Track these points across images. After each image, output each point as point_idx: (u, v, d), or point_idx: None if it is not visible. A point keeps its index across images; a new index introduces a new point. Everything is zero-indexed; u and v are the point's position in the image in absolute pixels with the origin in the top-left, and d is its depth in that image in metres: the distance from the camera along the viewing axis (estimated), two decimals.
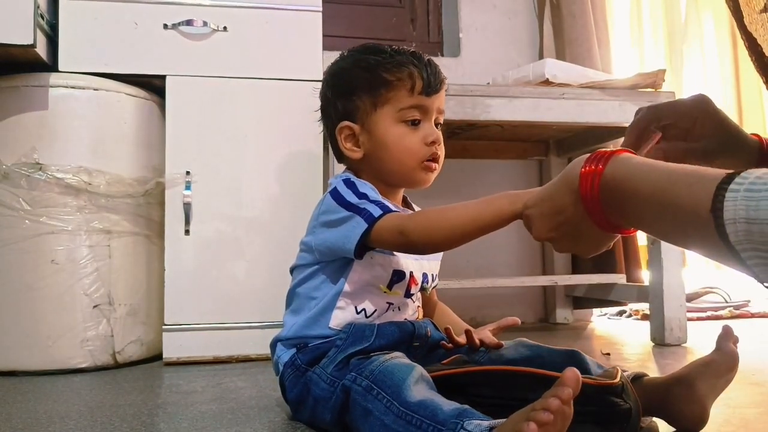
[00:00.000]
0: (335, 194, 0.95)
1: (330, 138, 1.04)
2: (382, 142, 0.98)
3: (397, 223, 0.87)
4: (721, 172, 0.56)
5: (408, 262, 0.99)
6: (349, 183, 0.96)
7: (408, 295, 1.00)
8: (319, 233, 0.96)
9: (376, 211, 0.88)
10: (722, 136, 0.83)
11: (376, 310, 0.96)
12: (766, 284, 0.54)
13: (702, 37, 2.52)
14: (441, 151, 1.00)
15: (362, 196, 0.93)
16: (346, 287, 0.95)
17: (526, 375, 0.83)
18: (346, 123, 1.00)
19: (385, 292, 0.97)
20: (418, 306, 1.05)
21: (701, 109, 0.84)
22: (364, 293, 0.96)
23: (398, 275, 0.97)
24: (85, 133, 1.51)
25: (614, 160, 0.66)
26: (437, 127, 1.01)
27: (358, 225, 0.89)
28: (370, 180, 1.00)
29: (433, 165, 0.99)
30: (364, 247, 0.90)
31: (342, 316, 0.95)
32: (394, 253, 0.96)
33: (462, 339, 0.98)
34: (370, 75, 0.98)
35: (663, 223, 0.62)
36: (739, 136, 0.84)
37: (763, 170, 0.54)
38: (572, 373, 0.62)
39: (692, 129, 0.83)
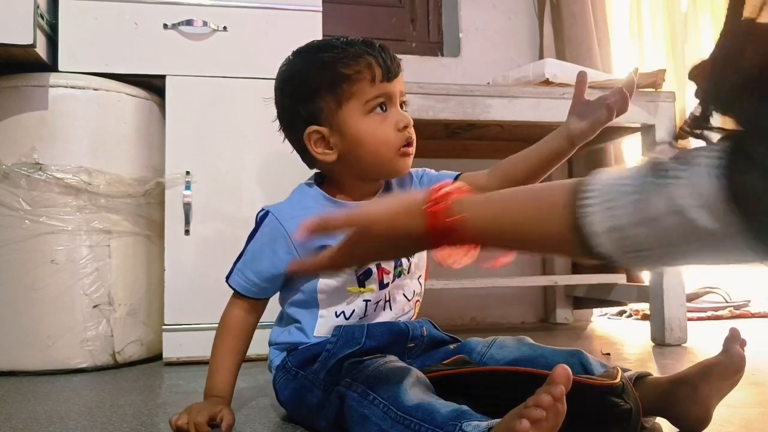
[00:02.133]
0: (258, 223, 1.01)
1: (296, 146, 1.01)
2: (356, 138, 0.94)
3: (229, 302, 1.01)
4: (564, 189, 0.57)
5: None
6: (259, 222, 1.00)
7: (383, 286, 0.97)
8: None
9: (232, 280, 1.00)
10: None
11: (354, 311, 0.96)
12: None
13: (702, 37, 2.52)
14: (413, 134, 0.98)
15: (253, 250, 0.99)
16: (320, 296, 0.96)
17: (527, 375, 0.83)
18: (314, 128, 0.95)
19: (359, 291, 0.96)
20: (417, 301, 1.04)
21: None
22: (337, 298, 0.96)
23: (364, 273, 0.96)
24: (85, 133, 1.50)
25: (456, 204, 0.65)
26: (402, 108, 0.99)
27: (230, 273, 1.00)
28: (348, 179, 0.99)
29: (409, 150, 0.97)
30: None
31: (324, 323, 0.96)
32: None
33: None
34: (329, 73, 0.93)
35: (525, 248, 0.65)
36: None
37: (606, 174, 0.56)
38: (562, 369, 0.62)
39: None
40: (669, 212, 0.50)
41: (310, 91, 0.95)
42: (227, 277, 1.00)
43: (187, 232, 1.56)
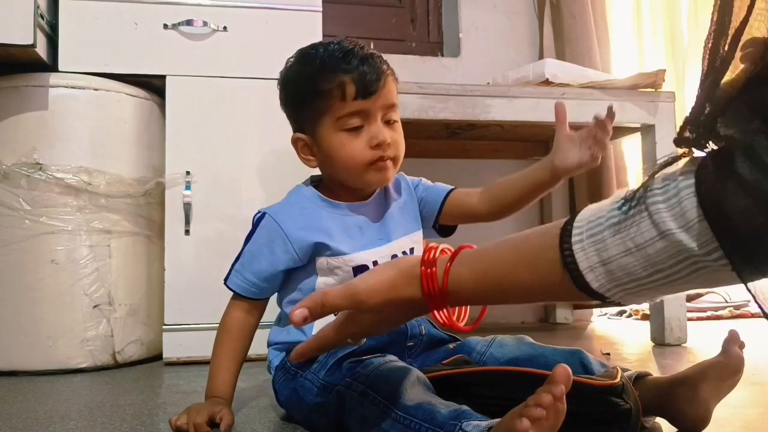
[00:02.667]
0: (255, 224, 1.00)
1: None
2: (328, 152, 0.96)
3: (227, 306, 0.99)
4: (551, 231, 0.56)
5: (365, 255, 0.97)
6: (267, 229, 0.98)
7: None
8: None
9: (231, 282, 0.99)
10: None
11: None
12: (624, 304, 0.55)
13: (703, 37, 2.52)
14: (393, 149, 0.95)
15: (252, 251, 0.98)
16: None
17: (527, 375, 0.83)
18: (299, 135, 0.99)
19: None
20: None
21: None
22: None
23: (361, 269, 0.96)
24: (85, 133, 1.51)
25: (458, 258, 0.65)
26: (390, 124, 0.96)
27: (228, 275, 0.99)
28: (334, 184, 1.01)
29: (382, 164, 0.95)
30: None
31: (323, 321, 0.95)
32: (345, 251, 0.96)
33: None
34: (307, 86, 0.95)
35: (517, 297, 0.64)
36: None
37: (589, 210, 0.55)
38: (563, 369, 0.62)
39: None
40: (655, 237, 0.49)
41: (295, 101, 0.99)
42: (225, 280, 0.99)
43: (187, 232, 1.56)
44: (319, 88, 0.93)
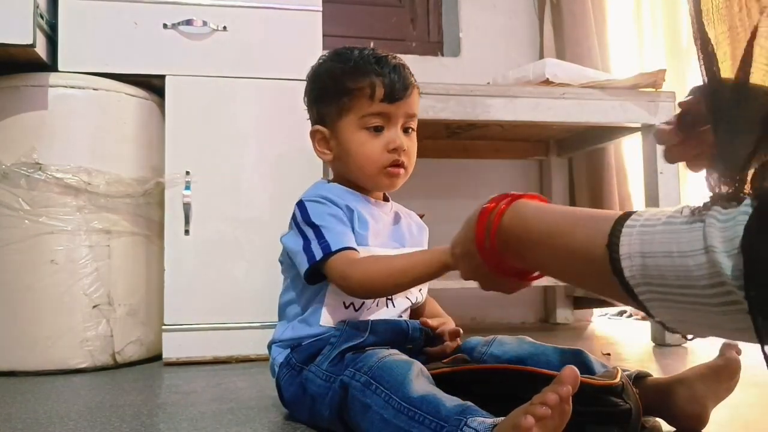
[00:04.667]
0: (302, 208, 0.97)
1: None
2: (346, 148, 1.00)
3: (342, 269, 0.89)
4: (616, 213, 0.57)
5: (386, 252, 0.99)
6: (317, 201, 0.97)
7: None
8: (285, 238, 1.00)
9: (333, 245, 0.90)
10: None
11: (363, 302, 0.97)
12: (657, 320, 0.54)
13: None
14: (407, 157, 1.00)
15: (322, 219, 0.94)
16: (330, 286, 0.96)
17: (528, 374, 0.83)
18: (318, 127, 1.03)
19: None
20: (413, 303, 1.05)
21: None
22: None
23: None
24: (84, 133, 1.50)
25: (514, 206, 0.67)
26: (408, 132, 1.02)
27: (311, 255, 0.92)
28: (343, 182, 1.03)
29: (395, 171, 1.00)
30: (317, 274, 0.92)
31: (331, 312, 0.96)
32: (369, 244, 0.97)
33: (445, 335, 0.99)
34: (335, 84, 1.00)
35: (560, 263, 0.63)
36: None
37: (656, 209, 0.55)
38: (571, 370, 0.62)
39: None
40: (698, 250, 0.48)
41: (320, 95, 1.03)
42: (321, 258, 0.91)
43: (186, 232, 1.56)
44: (349, 86, 0.98)
